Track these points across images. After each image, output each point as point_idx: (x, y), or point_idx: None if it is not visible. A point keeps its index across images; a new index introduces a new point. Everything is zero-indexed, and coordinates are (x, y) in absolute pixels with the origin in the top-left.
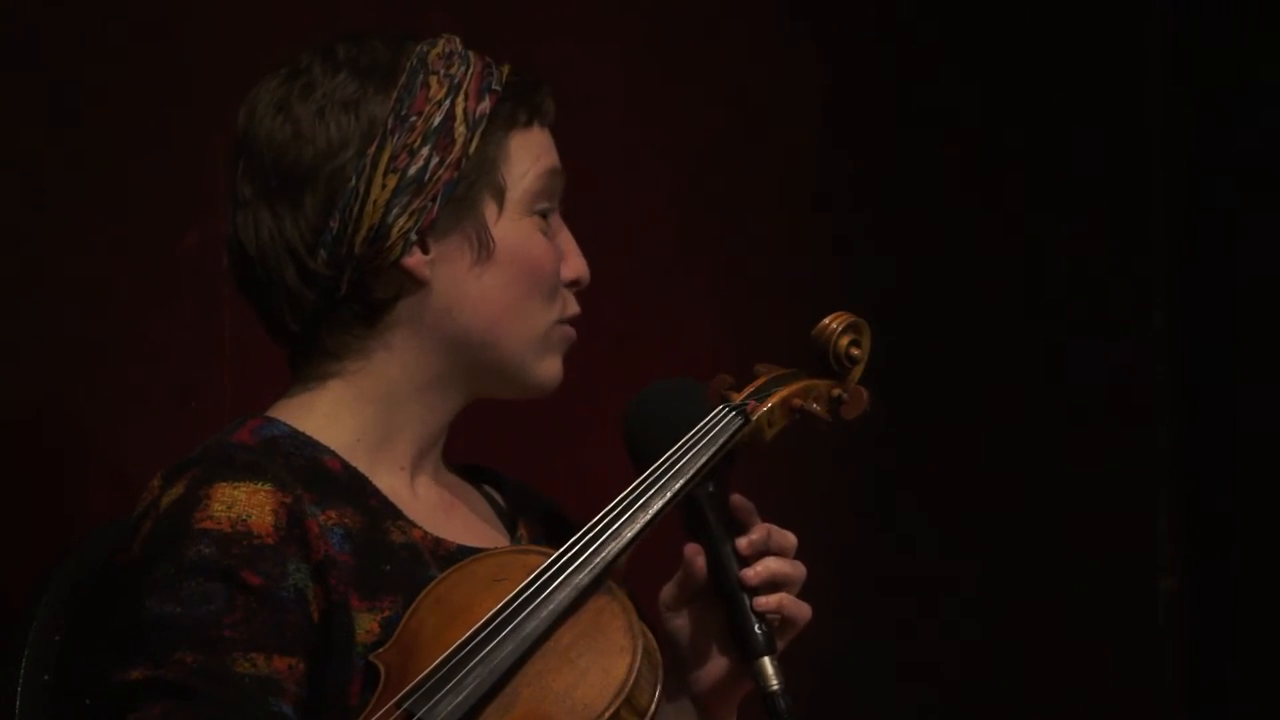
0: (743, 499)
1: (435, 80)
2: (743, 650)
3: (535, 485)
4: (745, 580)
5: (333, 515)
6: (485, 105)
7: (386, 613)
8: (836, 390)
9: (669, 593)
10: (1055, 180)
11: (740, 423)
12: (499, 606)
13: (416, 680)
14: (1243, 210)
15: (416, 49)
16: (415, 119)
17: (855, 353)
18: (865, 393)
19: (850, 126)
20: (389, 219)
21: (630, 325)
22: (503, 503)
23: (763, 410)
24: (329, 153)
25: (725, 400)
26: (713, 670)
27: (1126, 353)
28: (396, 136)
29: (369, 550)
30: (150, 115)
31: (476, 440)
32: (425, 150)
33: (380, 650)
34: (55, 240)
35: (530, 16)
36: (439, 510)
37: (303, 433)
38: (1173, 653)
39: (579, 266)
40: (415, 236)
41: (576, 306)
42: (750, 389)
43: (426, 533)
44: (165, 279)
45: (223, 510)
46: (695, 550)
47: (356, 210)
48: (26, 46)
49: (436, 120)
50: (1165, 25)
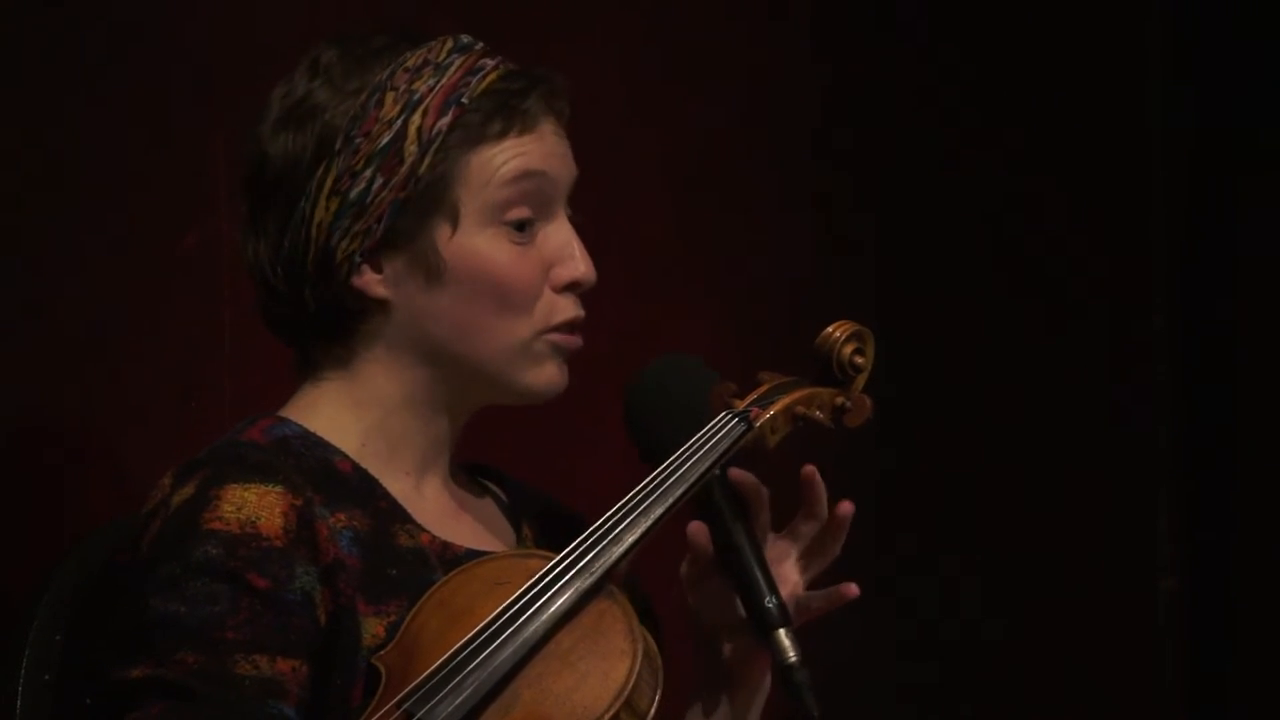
0: (743, 473)
1: (391, 97)
2: (757, 624)
3: (532, 483)
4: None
5: (342, 517)
6: (445, 121)
7: (392, 617)
8: (840, 398)
9: (685, 569)
10: (1055, 180)
11: (743, 430)
12: (500, 609)
13: (416, 681)
14: (1243, 210)
15: (397, 59)
16: (361, 140)
17: (859, 361)
18: (869, 401)
19: (850, 126)
20: (332, 242)
21: (630, 325)
22: (508, 504)
23: (766, 417)
24: (284, 170)
25: (729, 407)
26: (733, 643)
27: (1126, 353)
28: (343, 157)
29: (377, 554)
30: (150, 115)
31: (476, 440)
32: (368, 172)
33: (382, 652)
34: (55, 240)
35: (530, 16)
36: (447, 514)
37: (314, 433)
38: (1173, 653)
39: (574, 269)
40: (360, 258)
41: (573, 311)
42: (754, 396)
43: (434, 536)
44: (165, 279)
45: (232, 512)
46: (698, 527)
47: (304, 232)
48: (26, 46)
49: (384, 140)
50: (1165, 25)
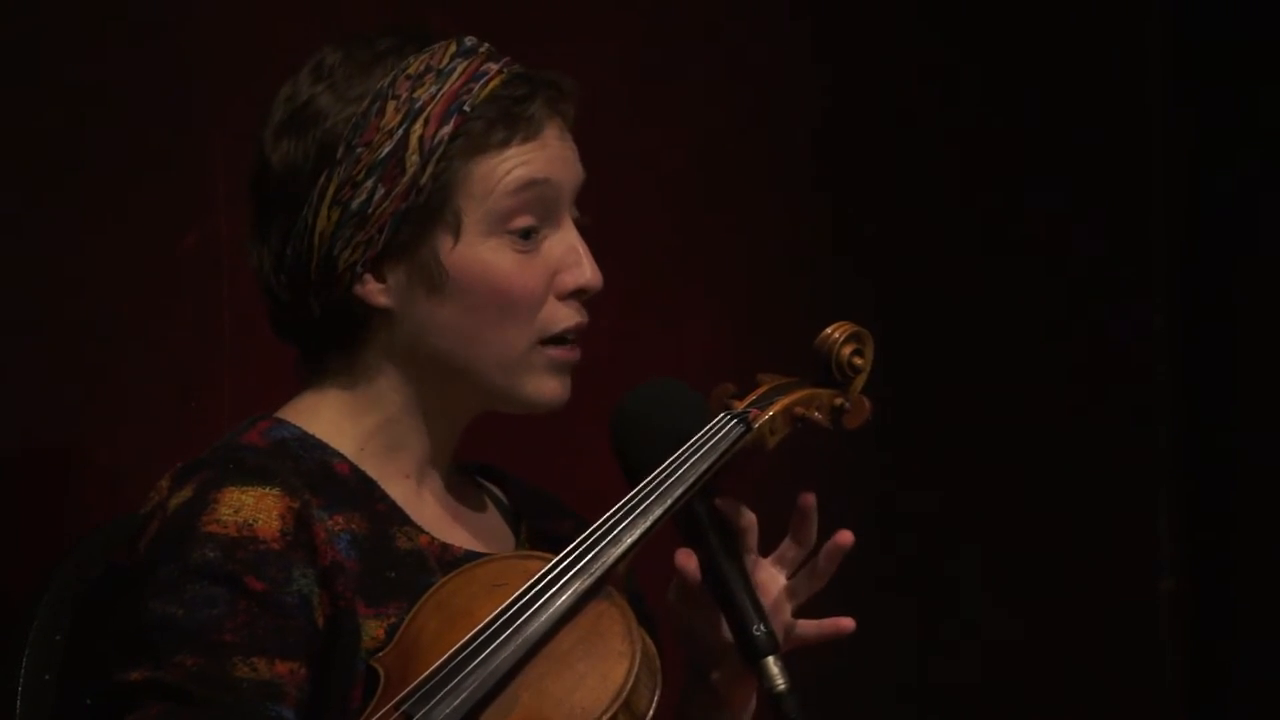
0: (728, 500)
1: (393, 106)
2: (745, 651)
3: (533, 484)
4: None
5: (340, 521)
6: (446, 130)
7: (392, 619)
8: (839, 400)
9: (671, 594)
10: (1055, 180)
11: (742, 431)
12: (499, 611)
13: (415, 683)
14: (1243, 210)
15: (400, 64)
16: (363, 149)
17: (858, 362)
18: (868, 402)
19: (850, 127)
20: (334, 251)
21: (630, 327)
22: (508, 504)
23: (765, 419)
24: (285, 178)
25: (727, 408)
26: (721, 668)
27: (1126, 353)
28: (344, 166)
29: (375, 556)
30: (150, 115)
31: (476, 441)
32: (369, 183)
33: (380, 654)
34: (55, 240)
35: (530, 16)
36: (446, 515)
37: (313, 435)
38: (1173, 653)
39: (580, 276)
40: (362, 268)
41: (575, 318)
42: (752, 397)
43: (433, 538)
44: (165, 279)
45: (230, 514)
46: (686, 554)
47: (306, 241)
48: (27, 46)
49: (385, 150)
50: (1166, 24)
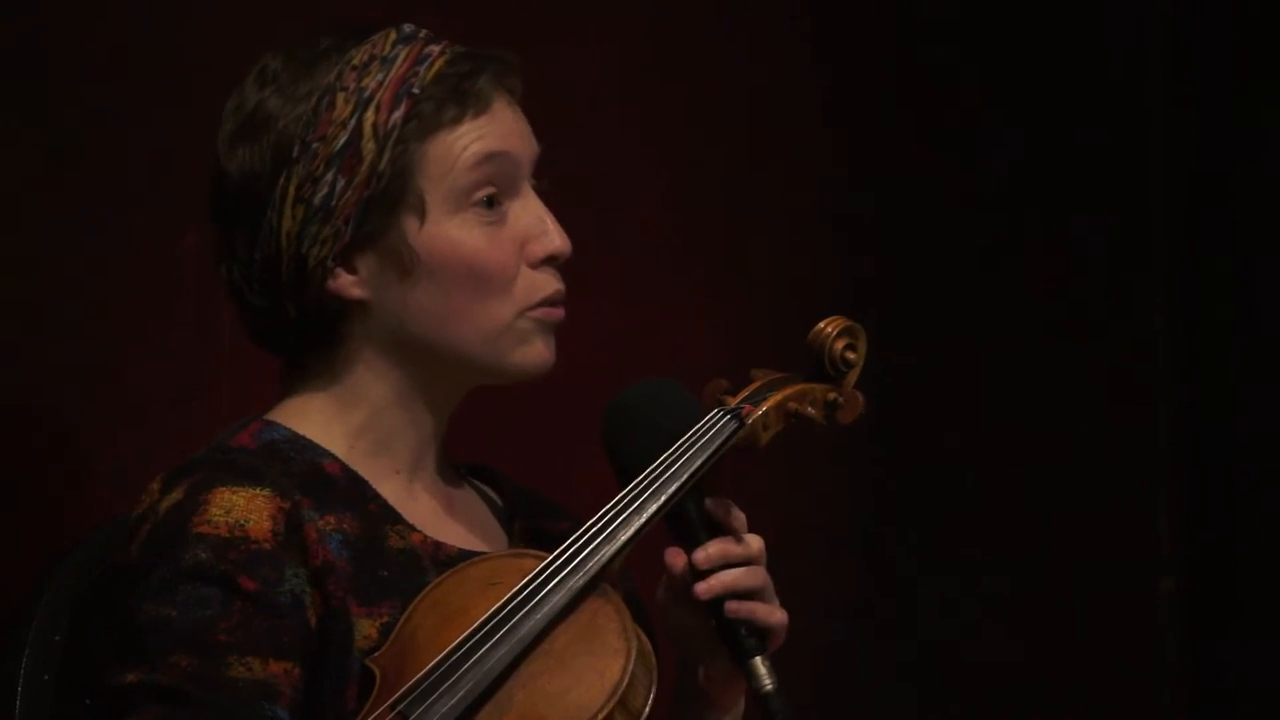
0: (717, 500)
1: (342, 97)
2: (733, 652)
3: (532, 485)
4: (698, 594)
5: (331, 521)
6: (399, 114)
7: (385, 618)
8: (832, 395)
9: (660, 594)
10: (1055, 180)
11: (735, 427)
12: (494, 609)
13: (410, 683)
14: (1243, 210)
15: (343, 58)
16: (318, 144)
17: (851, 357)
18: (861, 397)
19: (850, 127)
20: (303, 249)
21: (629, 325)
22: (501, 504)
23: (758, 414)
24: (244, 185)
25: (720, 404)
26: (712, 668)
27: (1126, 353)
28: (302, 164)
29: (367, 556)
30: (150, 115)
31: (474, 439)
32: (329, 175)
33: (376, 654)
34: (55, 240)
35: (529, 16)
36: (439, 513)
37: (303, 436)
38: (1173, 653)
39: (550, 243)
40: (333, 262)
41: (554, 285)
42: (745, 393)
43: (426, 537)
44: (165, 279)
45: (221, 515)
46: (675, 553)
47: (274, 244)
48: (27, 46)
49: (341, 141)
50: (1166, 24)
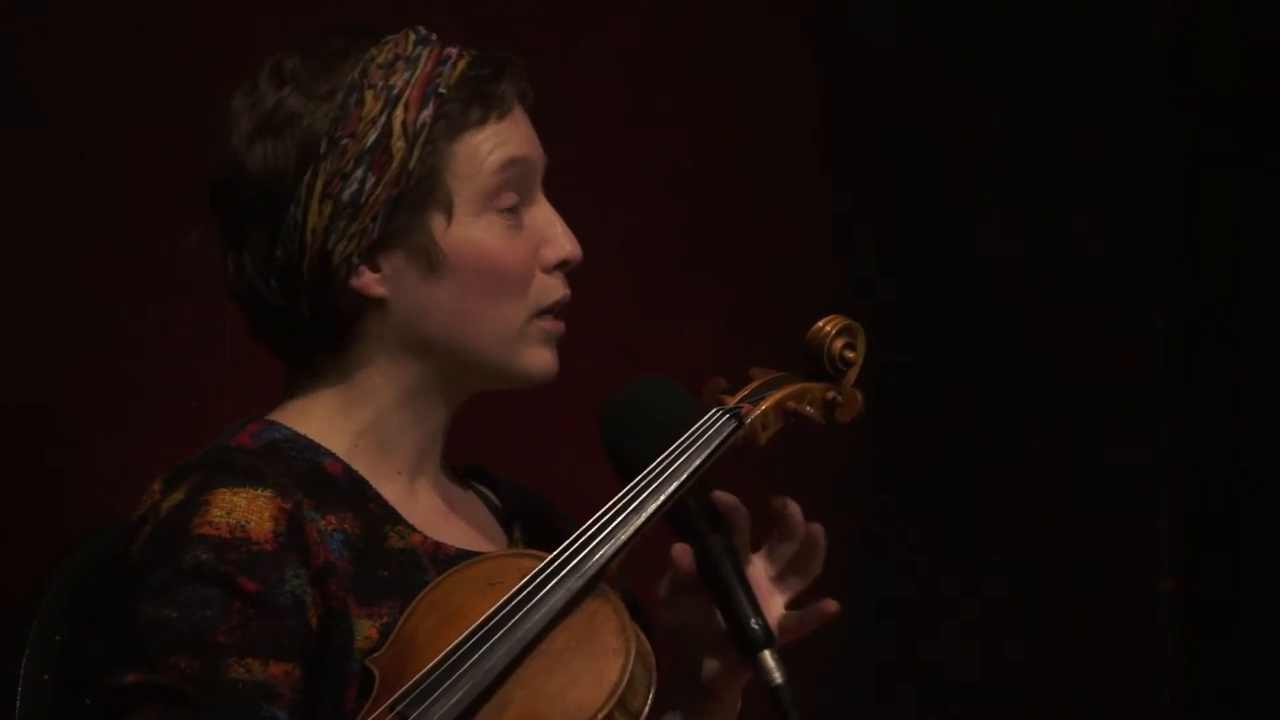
0: (725, 494)
1: (371, 94)
2: (741, 645)
3: (533, 486)
4: (812, 534)
5: (332, 521)
6: (427, 113)
7: (385, 619)
8: (831, 393)
9: (663, 589)
10: (1055, 180)
11: (734, 425)
12: (493, 610)
13: (410, 683)
14: (1243, 210)
15: (364, 57)
16: (348, 141)
17: (850, 356)
18: (859, 396)
19: (850, 127)
20: (329, 245)
21: (630, 326)
22: (499, 505)
23: (756, 413)
24: (266, 181)
25: (719, 403)
26: (713, 663)
27: (1126, 353)
28: (330, 160)
29: (368, 556)
30: (150, 115)
31: (474, 441)
32: (359, 172)
33: (375, 655)
34: (55, 240)
35: (530, 17)
36: (439, 514)
37: (304, 436)
38: (1173, 653)
39: (563, 248)
40: (358, 259)
41: (562, 290)
42: (744, 392)
43: (426, 537)
44: (165, 279)
45: (222, 516)
46: (682, 549)
47: (297, 240)
48: (27, 46)
49: (371, 139)
50: (1166, 23)
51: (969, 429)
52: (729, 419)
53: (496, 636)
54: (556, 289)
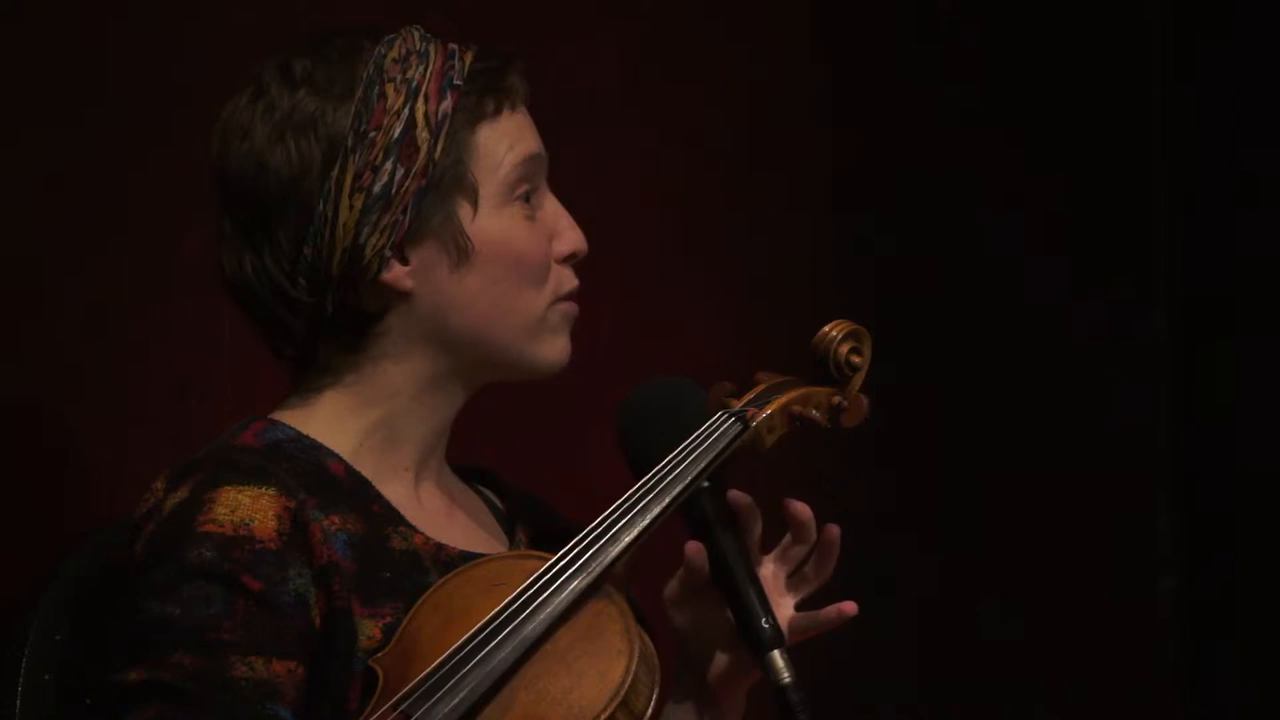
0: (740, 494)
1: (392, 88)
2: (751, 645)
3: (535, 487)
4: (828, 533)
5: (336, 520)
6: (447, 104)
7: (388, 619)
8: (837, 398)
9: (672, 589)
10: (1055, 179)
11: (740, 429)
12: (497, 610)
13: (414, 683)
14: (1243, 209)
15: (374, 53)
16: (375, 134)
17: (856, 360)
18: (865, 401)
19: (850, 126)
20: (361, 239)
21: (630, 326)
22: (501, 507)
23: (762, 417)
24: (292, 180)
25: (725, 407)
26: (720, 663)
27: (1126, 353)
28: (358, 154)
29: (371, 556)
30: (150, 116)
31: (475, 441)
32: (389, 164)
33: (379, 655)
34: (55, 240)
35: (530, 16)
36: (441, 515)
37: (307, 436)
38: (1173, 653)
39: (572, 239)
40: (390, 251)
41: (573, 280)
42: (750, 395)
43: (428, 538)
44: (165, 279)
45: (226, 514)
46: (696, 548)
47: (328, 235)
48: (27, 46)
49: (397, 131)
50: (1167, 23)
51: (968, 429)
52: (734, 423)
53: (501, 636)
54: (569, 279)
